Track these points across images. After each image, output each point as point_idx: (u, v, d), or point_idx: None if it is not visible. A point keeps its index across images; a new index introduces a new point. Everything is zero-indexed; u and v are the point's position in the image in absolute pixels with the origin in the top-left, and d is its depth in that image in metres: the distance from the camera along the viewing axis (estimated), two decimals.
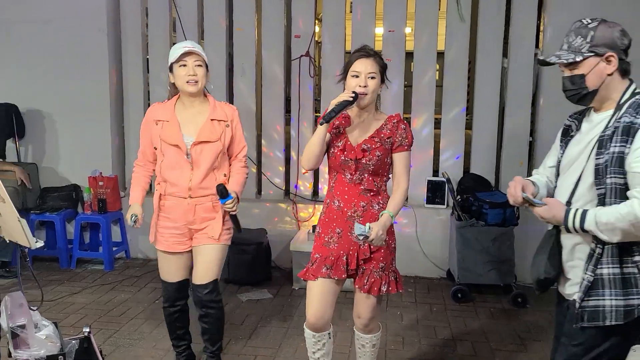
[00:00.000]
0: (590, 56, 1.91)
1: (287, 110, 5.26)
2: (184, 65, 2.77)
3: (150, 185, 3.09)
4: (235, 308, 4.21)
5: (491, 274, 4.31)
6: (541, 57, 2.01)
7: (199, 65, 2.78)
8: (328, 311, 2.67)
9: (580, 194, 1.96)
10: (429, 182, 4.90)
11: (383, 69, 2.60)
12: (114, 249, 5.19)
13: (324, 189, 5.12)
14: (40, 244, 1.93)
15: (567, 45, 1.95)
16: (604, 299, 1.90)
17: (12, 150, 5.21)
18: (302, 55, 4.97)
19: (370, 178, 2.61)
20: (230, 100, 5.20)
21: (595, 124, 1.98)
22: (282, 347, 3.60)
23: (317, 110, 5.34)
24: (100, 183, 4.97)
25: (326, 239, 2.66)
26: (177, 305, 3.04)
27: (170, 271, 2.99)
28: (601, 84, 1.91)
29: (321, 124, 2.53)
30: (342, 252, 2.61)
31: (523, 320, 4.08)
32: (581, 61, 1.92)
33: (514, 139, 4.76)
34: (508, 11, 4.67)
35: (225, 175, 2.90)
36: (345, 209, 2.62)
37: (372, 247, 2.58)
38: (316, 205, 5.05)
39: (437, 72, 5.04)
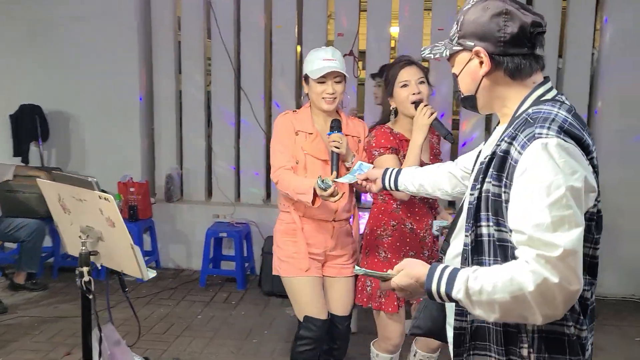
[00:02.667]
0: (460, 50, 1.39)
1: None
2: (323, 82, 2.48)
3: None
4: (287, 324, 3.97)
5: None
6: (422, 51, 1.53)
7: (338, 82, 2.49)
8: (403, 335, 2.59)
9: (460, 227, 1.45)
10: None
11: (427, 74, 2.49)
12: (145, 258, 4.90)
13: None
14: (154, 274, 1.68)
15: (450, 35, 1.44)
16: None
17: (35, 154, 4.90)
18: (345, 55, 4.71)
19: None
20: (269, 101, 4.95)
21: (494, 139, 1.44)
22: None
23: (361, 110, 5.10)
24: (131, 189, 4.68)
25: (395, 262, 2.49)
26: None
27: (320, 305, 2.60)
28: (477, 89, 1.39)
29: (452, 142, 2.45)
30: None
31: None
32: (453, 57, 1.42)
33: None
34: (564, 9, 4.50)
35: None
36: (418, 231, 2.50)
37: None
38: None
39: None
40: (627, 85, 4.27)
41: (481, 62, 1.36)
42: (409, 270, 1.37)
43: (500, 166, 1.29)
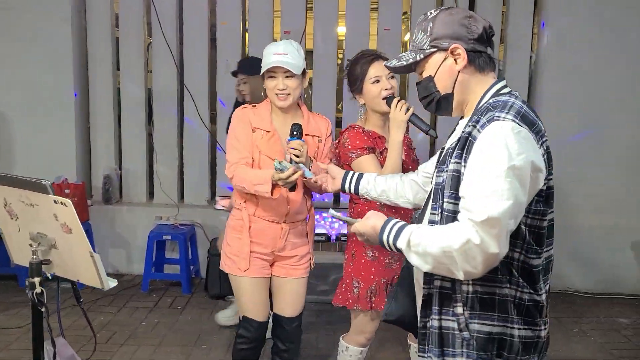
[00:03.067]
0: (434, 52, 1.52)
1: None
2: (274, 77, 2.38)
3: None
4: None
5: None
6: (386, 64, 1.65)
7: (290, 77, 2.37)
8: None
9: (427, 215, 1.61)
10: None
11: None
12: None
13: None
14: (115, 283, 1.56)
15: (411, 45, 1.58)
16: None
17: None
18: None
19: None
20: (214, 99, 4.81)
21: (457, 132, 1.58)
22: None
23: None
24: (66, 191, 4.42)
25: (387, 261, 2.49)
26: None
27: (260, 306, 2.56)
28: (454, 85, 1.52)
29: (435, 137, 2.40)
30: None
31: None
32: (425, 60, 1.54)
33: None
34: (504, 13, 4.64)
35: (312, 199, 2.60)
36: None
37: None
38: None
39: None
40: (563, 88, 4.46)
41: (456, 59, 1.50)
42: (369, 220, 1.56)
43: (462, 146, 1.44)
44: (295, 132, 2.28)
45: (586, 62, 4.43)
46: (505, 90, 1.52)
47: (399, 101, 2.33)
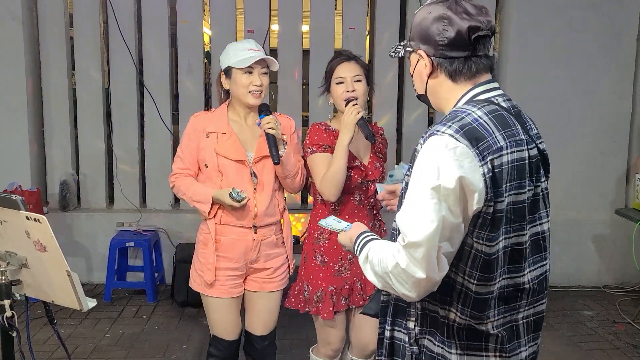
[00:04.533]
0: (410, 52, 1.47)
1: None
2: (249, 73, 2.32)
3: None
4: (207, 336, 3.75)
5: None
6: (391, 50, 1.60)
7: (265, 74, 2.35)
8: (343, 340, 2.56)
9: None
10: None
11: (367, 71, 2.45)
12: None
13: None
14: (94, 303, 1.46)
15: None
16: None
17: None
18: None
19: (372, 196, 2.47)
20: (176, 101, 4.67)
21: None
22: None
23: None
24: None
25: (336, 268, 2.44)
26: None
27: (229, 326, 2.47)
28: (426, 89, 1.46)
29: (373, 142, 2.37)
30: (355, 278, 2.43)
31: None
32: (409, 57, 1.51)
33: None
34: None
35: (285, 199, 2.51)
36: None
37: None
38: None
39: None
40: (524, 86, 4.53)
41: (425, 64, 1.42)
42: (350, 230, 1.56)
43: (411, 159, 1.40)
44: (263, 110, 2.32)
45: (547, 61, 4.52)
46: (485, 95, 1.40)
47: (353, 105, 2.32)
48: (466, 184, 1.25)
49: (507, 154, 1.32)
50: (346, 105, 2.33)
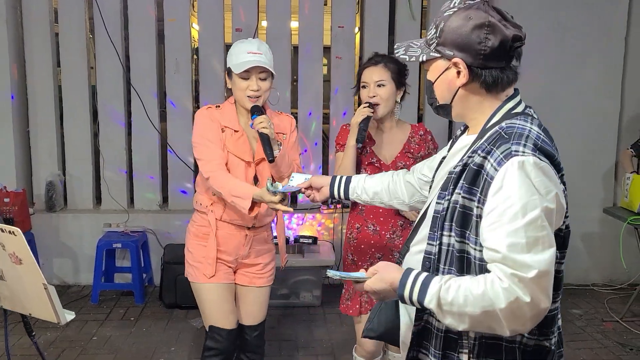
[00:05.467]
0: (438, 57, 1.37)
1: None
2: (247, 78, 2.29)
3: None
4: (195, 338, 3.73)
5: None
6: (396, 49, 1.48)
7: (263, 79, 2.31)
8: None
9: (423, 235, 1.44)
10: None
11: (396, 73, 2.43)
12: None
13: None
14: (72, 315, 1.43)
15: (426, 36, 1.42)
16: None
17: None
18: None
19: None
20: (163, 99, 4.62)
21: (459, 148, 1.46)
22: None
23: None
24: (6, 200, 4.13)
25: (365, 267, 2.43)
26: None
27: (227, 313, 2.44)
28: (453, 99, 1.38)
29: (359, 147, 2.40)
30: None
31: None
32: (429, 62, 1.40)
33: None
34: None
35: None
36: (383, 232, 2.47)
37: None
38: None
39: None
40: (517, 82, 4.52)
41: (458, 73, 1.33)
42: (382, 274, 1.37)
43: (472, 180, 1.28)
44: (255, 111, 2.27)
45: (536, 61, 4.50)
46: (519, 108, 1.36)
47: (364, 107, 2.37)
48: (559, 201, 1.24)
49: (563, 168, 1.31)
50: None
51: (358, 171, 2.43)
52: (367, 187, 1.83)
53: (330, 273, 1.50)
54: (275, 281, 2.63)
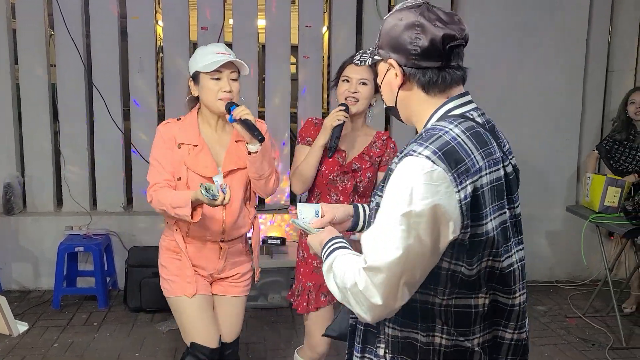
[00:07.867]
0: (380, 60, 1.39)
1: None
2: (218, 79, 2.21)
3: None
4: (161, 342, 3.66)
5: None
6: (357, 58, 1.52)
7: (234, 80, 2.25)
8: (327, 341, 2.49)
9: None
10: None
11: (376, 76, 2.39)
12: None
13: None
14: (25, 327, 1.36)
15: None
16: None
17: None
18: None
19: (357, 199, 2.44)
20: (126, 99, 4.51)
21: None
22: None
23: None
24: None
25: (315, 264, 2.45)
26: None
27: (209, 328, 2.33)
28: (396, 100, 1.38)
29: (329, 156, 2.35)
30: None
31: None
32: (375, 65, 1.43)
33: None
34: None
35: (255, 208, 2.45)
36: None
37: None
38: None
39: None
40: (476, 85, 4.55)
41: (396, 74, 1.34)
42: (322, 234, 1.48)
43: (384, 178, 1.33)
44: (229, 106, 2.19)
45: (499, 61, 4.57)
46: (459, 110, 1.33)
47: (339, 111, 2.33)
48: (441, 212, 1.18)
49: (486, 174, 1.25)
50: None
51: None
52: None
53: (294, 221, 1.62)
54: None
